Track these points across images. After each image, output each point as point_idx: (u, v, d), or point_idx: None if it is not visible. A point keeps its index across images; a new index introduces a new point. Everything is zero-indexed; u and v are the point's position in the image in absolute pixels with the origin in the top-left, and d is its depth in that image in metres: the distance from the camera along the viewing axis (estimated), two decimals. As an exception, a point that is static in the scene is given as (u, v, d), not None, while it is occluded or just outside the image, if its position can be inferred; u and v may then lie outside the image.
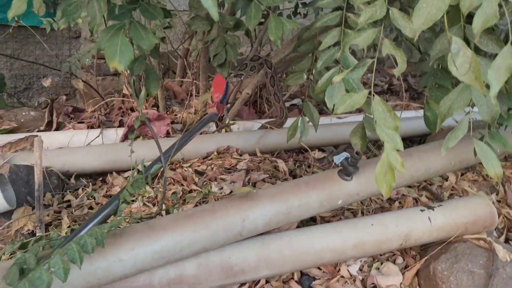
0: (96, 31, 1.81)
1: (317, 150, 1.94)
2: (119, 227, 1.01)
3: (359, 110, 2.66)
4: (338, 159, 1.15)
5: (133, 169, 1.17)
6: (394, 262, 1.30)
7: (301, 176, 1.69)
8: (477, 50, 0.80)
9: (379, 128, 0.82)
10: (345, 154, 1.15)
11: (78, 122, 2.07)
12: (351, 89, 0.91)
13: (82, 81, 2.38)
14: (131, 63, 0.94)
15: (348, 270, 1.24)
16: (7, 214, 1.30)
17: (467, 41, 0.82)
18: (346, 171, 1.16)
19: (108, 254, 0.92)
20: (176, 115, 2.26)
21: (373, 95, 0.85)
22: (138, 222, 1.11)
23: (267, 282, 1.18)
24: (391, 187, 0.80)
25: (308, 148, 1.86)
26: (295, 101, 3.02)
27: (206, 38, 1.74)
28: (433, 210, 1.24)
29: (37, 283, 0.77)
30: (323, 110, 2.52)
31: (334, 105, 0.90)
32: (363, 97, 0.84)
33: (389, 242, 1.21)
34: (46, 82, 1.84)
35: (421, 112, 2.26)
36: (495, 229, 1.48)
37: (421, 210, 1.24)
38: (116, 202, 1.10)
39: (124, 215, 1.36)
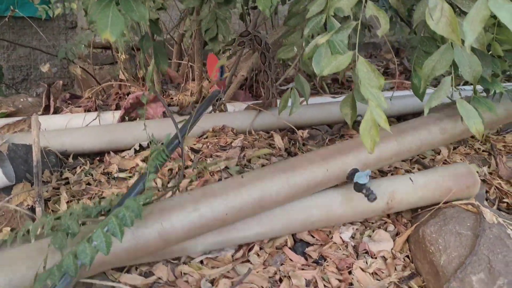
0: (90, 13, 1.83)
1: (307, 129, 1.98)
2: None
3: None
4: (361, 177, 1.17)
5: (150, 143, 1.19)
6: (386, 230, 1.33)
7: (296, 154, 1.72)
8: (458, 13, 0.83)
9: (364, 87, 0.85)
10: (368, 172, 1.18)
11: (76, 107, 2.10)
12: (336, 53, 0.93)
13: (80, 67, 2.40)
14: (139, 42, 0.95)
15: (340, 237, 1.27)
16: (7, 190, 1.33)
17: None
18: (369, 195, 1.17)
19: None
20: (172, 98, 2.29)
21: (358, 56, 0.87)
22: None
23: (261, 249, 1.21)
24: (375, 142, 0.83)
25: (295, 129, 1.89)
26: (291, 84, 3.03)
27: (198, 17, 1.76)
28: (413, 172, 1.28)
29: (81, 256, 0.80)
30: (317, 90, 2.55)
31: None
32: (347, 58, 0.87)
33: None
34: (45, 68, 1.86)
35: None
36: (486, 200, 1.51)
37: (402, 174, 1.29)
38: (144, 177, 1.13)
39: (120, 191, 1.40)
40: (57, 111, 2.07)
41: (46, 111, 2.05)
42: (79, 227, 0.90)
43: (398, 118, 2.17)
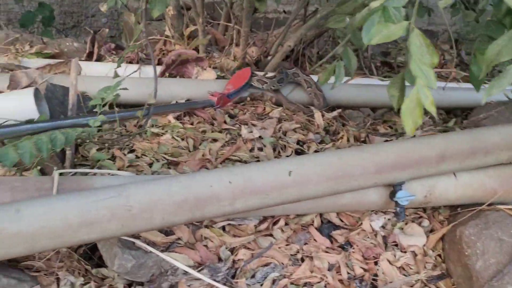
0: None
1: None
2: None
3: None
4: (403, 199, 1.11)
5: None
6: (420, 224, 1.26)
7: (337, 132, 1.64)
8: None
9: (414, 63, 0.77)
10: (412, 197, 1.12)
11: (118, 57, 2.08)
12: (390, 21, 0.85)
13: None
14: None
15: (370, 225, 1.21)
16: (41, 130, 1.34)
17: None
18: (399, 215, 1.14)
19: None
20: (215, 61, 2.24)
21: (413, 27, 0.79)
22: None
23: (286, 224, 1.17)
24: (417, 125, 0.76)
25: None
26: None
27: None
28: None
29: (2, 158, 0.79)
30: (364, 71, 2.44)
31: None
32: (401, 28, 0.78)
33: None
34: (103, 7, 1.83)
35: (465, 85, 2.14)
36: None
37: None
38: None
39: (151, 145, 1.38)
40: (100, 59, 2.06)
41: (89, 57, 2.04)
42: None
43: (447, 112, 2.04)
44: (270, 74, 1.81)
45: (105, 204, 0.87)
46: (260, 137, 1.47)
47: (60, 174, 1.00)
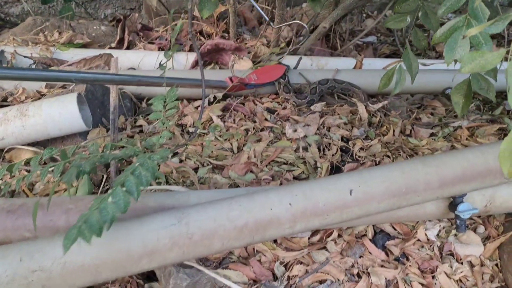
0: None
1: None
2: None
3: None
4: (465, 213, 1.07)
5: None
6: (475, 230, 1.22)
7: (377, 125, 1.58)
8: None
9: (512, 96, 0.70)
10: (475, 210, 1.08)
11: (149, 43, 2.02)
12: (476, 44, 0.78)
13: (154, -3, 2.27)
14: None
15: (425, 234, 1.17)
16: (83, 134, 1.30)
17: None
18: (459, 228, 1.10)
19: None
20: (246, 44, 2.15)
21: (511, 55, 0.71)
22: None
23: (339, 236, 1.14)
24: None
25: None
26: (370, 38, 2.81)
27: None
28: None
29: (103, 213, 0.75)
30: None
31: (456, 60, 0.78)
32: (498, 56, 0.71)
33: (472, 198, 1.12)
34: None
35: None
36: None
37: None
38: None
39: (195, 148, 1.34)
40: (130, 45, 2.00)
41: (120, 44, 1.98)
42: (92, 167, 0.86)
43: (496, 96, 1.94)
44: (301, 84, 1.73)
45: (166, 233, 0.85)
46: (305, 136, 1.42)
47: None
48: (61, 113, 1.19)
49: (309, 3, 1.21)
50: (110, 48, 1.96)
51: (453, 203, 1.07)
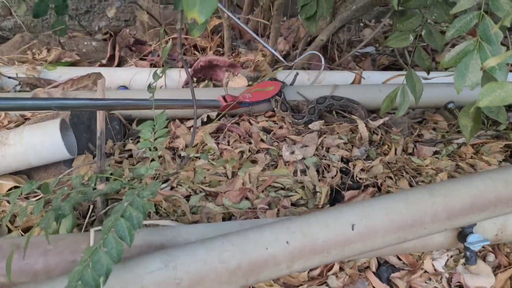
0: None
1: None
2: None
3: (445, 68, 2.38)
4: (475, 245, 0.99)
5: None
6: (484, 259, 1.15)
7: (379, 144, 1.51)
8: None
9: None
10: (486, 241, 1.01)
11: (140, 59, 1.96)
12: (490, 70, 0.71)
13: (147, 12, 2.22)
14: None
15: (432, 265, 1.10)
16: (68, 161, 1.24)
17: None
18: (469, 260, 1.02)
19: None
20: (240, 59, 2.09)
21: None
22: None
23: (341, 269, 1.07)
24: None
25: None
26: (368, 49, 2.75)
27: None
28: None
29: (97, 267, 0.68)
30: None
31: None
32: (518, 88, 0.65)
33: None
34: (110, 12, 1.71)
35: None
36: None
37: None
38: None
39: (187, 172, 1.27)
40: (121, 61, 1.94)
41: (111, 60, 1.92)
42: (71, 210, 0.79)
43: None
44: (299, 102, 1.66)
45: (152, 278, 0.77)
46: (303, 158, 1.35)
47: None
48: (43, 141, 1.12)
49: (303, 23, 1.15)
50: (101, 65, 1.90)
51: (462, 234, 1.00)
